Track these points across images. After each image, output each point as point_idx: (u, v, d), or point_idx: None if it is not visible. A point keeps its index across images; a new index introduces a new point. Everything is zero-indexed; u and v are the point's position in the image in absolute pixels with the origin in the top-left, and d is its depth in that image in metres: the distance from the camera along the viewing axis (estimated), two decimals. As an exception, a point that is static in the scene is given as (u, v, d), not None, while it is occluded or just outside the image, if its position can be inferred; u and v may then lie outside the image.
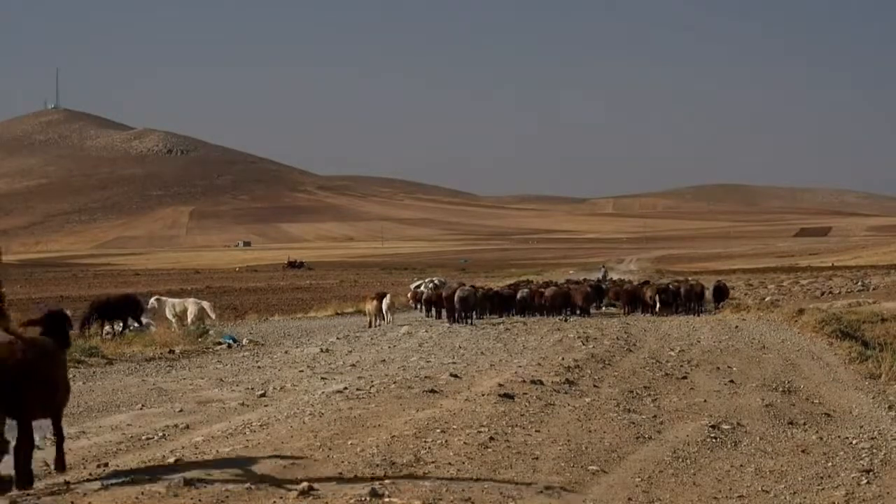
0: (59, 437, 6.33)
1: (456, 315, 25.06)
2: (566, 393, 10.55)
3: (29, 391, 5.88)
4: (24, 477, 5.88)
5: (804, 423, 9.00)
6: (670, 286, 31.78)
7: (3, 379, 5.78)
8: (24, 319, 6.24)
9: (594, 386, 11.34)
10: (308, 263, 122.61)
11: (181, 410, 9.86)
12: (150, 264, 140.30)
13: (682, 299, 30.46)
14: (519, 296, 29.18)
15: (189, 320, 21.70)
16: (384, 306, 25.43)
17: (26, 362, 5.88)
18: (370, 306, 25.41)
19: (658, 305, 29.51)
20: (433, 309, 29.26)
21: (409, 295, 33.48)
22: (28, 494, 5.80)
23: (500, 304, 28.91)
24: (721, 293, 31.72)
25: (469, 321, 24.79)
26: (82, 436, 8.35)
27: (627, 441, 7.98)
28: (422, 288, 33.75)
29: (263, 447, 7.16)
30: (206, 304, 22.87)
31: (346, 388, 10.63)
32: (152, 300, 23.02)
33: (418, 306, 31.37)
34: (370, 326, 24.37)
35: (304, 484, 5.84)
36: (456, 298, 25.17)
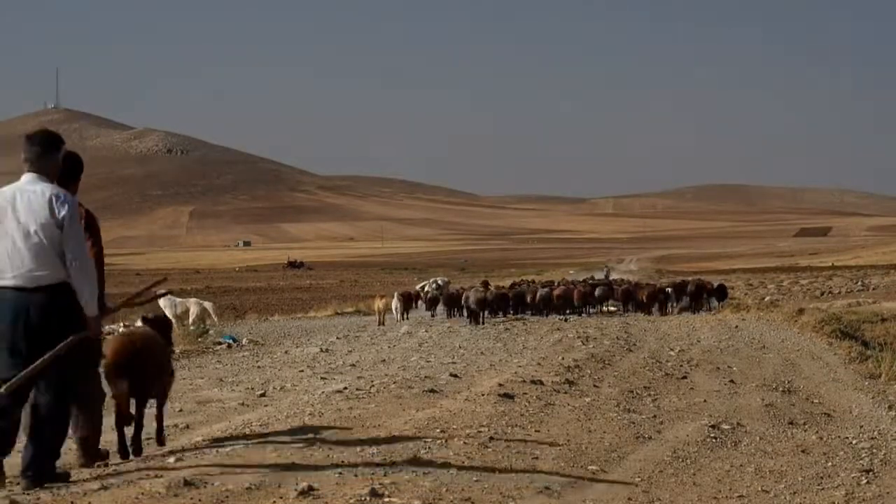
0: (160, 416, 7.65)
1: (475, 315, 25.76)
2: (566, 393, 10.55)
3: (143, 376, 7.13)
4: (137, 447, 7.23)
5: (804, 423, 9.00)
6: (668, 287, 32.06)
7: (127, 365, 7.05)
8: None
9: (594, 386, 11.33)
10: (308, 263, 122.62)
11: (181, 410, 9.86)
12: (150, 264, 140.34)
13: (687, 298, 30.74)
14: (538, 295, 29.86)
15: (190, 321, 21.69)
16: (394, 306, 26.23)
17: (142, 352, 7.20)
18: (394, 303, 26.26)
19: (656, 305, 29.73)
20: (435, 308, 29.77)
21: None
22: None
23: (502, 303, 29.28)
24: (720, 293, 31.85)
25: (482, 322, 25.50)
26: (82, 436, 8.34)
27: (627, 441, 7.98)
28: (426, 288, 34.09)
29: (263, 447, 7.16)
30: (208, 305, 22.87)
31: (345, 388, 10.62)
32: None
33: (418, 306, 31.77)
34: (380, 323, 25.05)
35: (304, 484, 5.84)
36: (472, 299, 25.85)
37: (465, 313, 26.63)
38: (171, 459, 6.76)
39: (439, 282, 38.27)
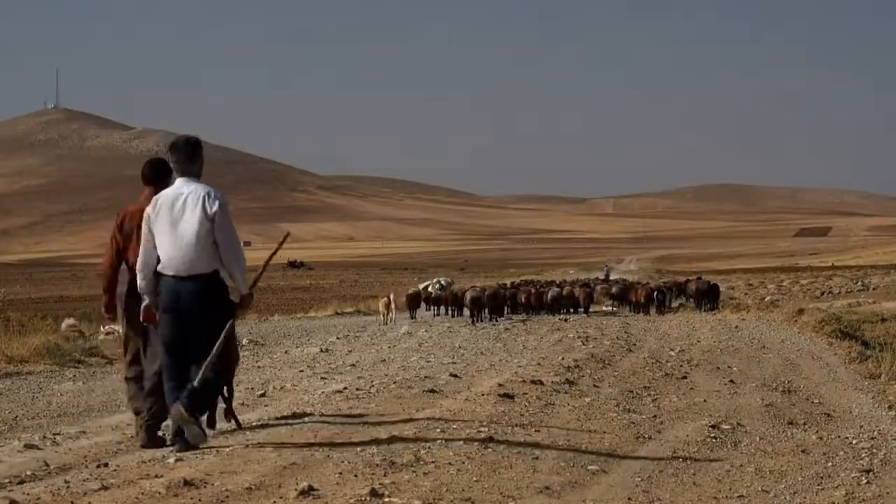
0: (230, 394, 8.17)
1: (471, 315, 26.19)
2: (566, 393, 10.55)
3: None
4: (211, 421, 7.82)
5: (804, 423, 9.00)
6: (664, 286, 32.34)
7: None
8: None
9: (594, 386, 11.33)
10: (308, 263, 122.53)
11: (181, 410, 9.83)
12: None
13: (694, 295, 31.06)
14: (550, 294, 30.23)
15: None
16: (387, 305, 26.79)
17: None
18: (387, 302, 26.88)
19: (655, 305, 29.89)
20: (440, 308, 30.12)
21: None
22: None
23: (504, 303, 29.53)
24: (714, 293, 31.99)
25: (480, 320, 25.83)
26: (82, 436, 8.36)
27: (627, 441, 7.97)
28: (430, 289, 34.36)
29: (263, 446, 7.15)
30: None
31: (345, 388, 10.62)
32: None
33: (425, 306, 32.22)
34: (383, 323, 25.70)
35: (304, 484, 5.84)
36: (468, 299, 26.27)
37: (468, 313, 26.92)
38: (172, 459, 6.76)
39: (442, 282, 38.35)
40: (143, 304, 7.27)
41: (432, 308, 31.07)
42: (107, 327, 23.61)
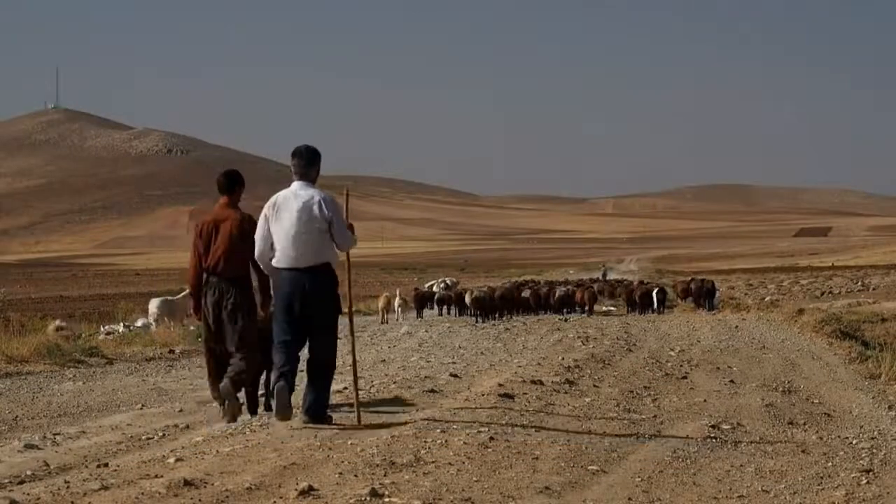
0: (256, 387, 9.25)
1: (473, 314, 26.57)
2: (566, 393, 10.54)
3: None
4: (253, 406, 9.14)
5: (804, 423, 9.00)
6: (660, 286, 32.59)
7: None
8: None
9: (594, 386, 11.33)
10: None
11: (181, 410, 9.87)
12: (151, 264, 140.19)
13: (693, 295, 31.25)
14: (558, 294, 30.42)
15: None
16: (396, 304, 27.72)
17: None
18: (396, 302, 27.65)
19: (655, 305, 30.00)
20: (443, 308, 30.34)
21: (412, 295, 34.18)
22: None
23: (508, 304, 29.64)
24: (710, 292, 32.08)
25: (482, 320, 26.10)
26: (82, 436, 8.37)
27: (627, 441, 7.97)
28: (435, 288, 34.49)
29: (263, 447, 7.16)
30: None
31: (345, 388, 10.62)
32: (159, 301, 22.85)
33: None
34: (382, 321, 26.35)
35: (304, 484, 5.84)
36: (470, 299, 26.40)
37: (470, 313, 27.01)
38: (172, 459, 6.76)
39: (448, 282, 38.38)
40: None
41: (436, 308, 31.20)
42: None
